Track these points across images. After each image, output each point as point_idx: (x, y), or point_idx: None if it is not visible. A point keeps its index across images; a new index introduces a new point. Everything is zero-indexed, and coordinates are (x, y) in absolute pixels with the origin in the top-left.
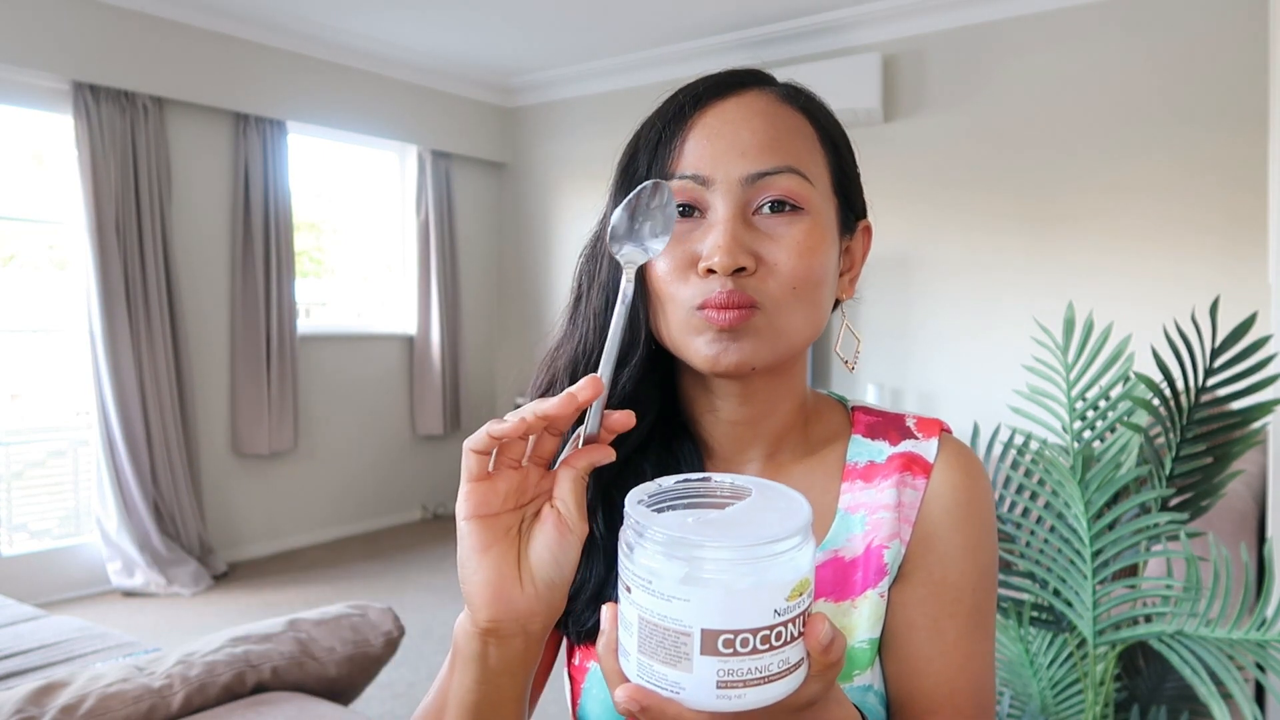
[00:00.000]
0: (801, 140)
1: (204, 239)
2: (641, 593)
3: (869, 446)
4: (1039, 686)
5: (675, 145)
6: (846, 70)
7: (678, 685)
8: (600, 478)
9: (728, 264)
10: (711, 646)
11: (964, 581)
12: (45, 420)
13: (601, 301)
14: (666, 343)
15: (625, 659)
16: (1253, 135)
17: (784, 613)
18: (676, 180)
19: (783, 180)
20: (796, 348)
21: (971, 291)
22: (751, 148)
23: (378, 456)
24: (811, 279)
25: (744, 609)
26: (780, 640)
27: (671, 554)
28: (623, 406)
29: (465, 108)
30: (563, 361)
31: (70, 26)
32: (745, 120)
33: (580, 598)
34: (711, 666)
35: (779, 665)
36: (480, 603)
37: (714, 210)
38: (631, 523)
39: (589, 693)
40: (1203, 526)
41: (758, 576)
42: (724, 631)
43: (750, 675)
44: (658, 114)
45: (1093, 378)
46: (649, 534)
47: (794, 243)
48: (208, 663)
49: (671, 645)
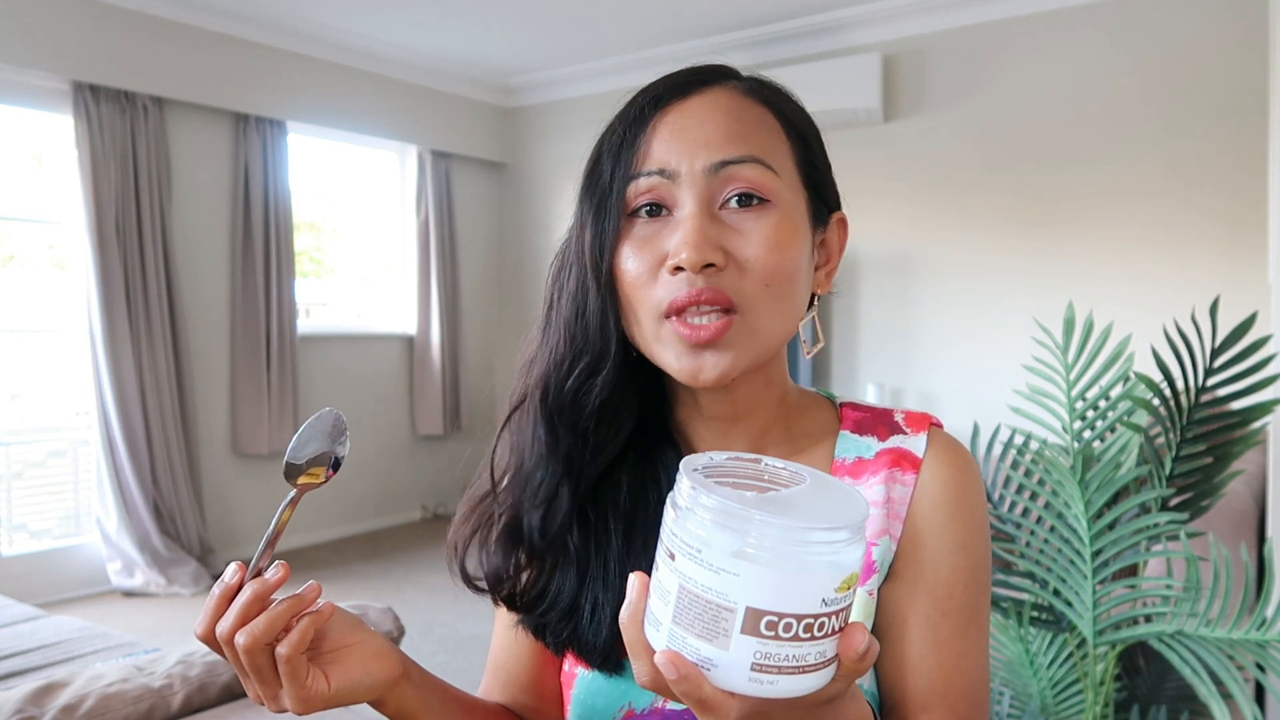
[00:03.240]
0: (766, 132)
1: (204, 239)
2: (687, 561)
3: (857, 442)
4: (1039, 686)
5: (639, 146)
6: (846, 70)
7: (710, 661)
8: (575, 491)
9: (695, 260)
10: (754, 626)
11: (956, 578)
12: (45, 420)
13: (570, 312)
14: (642, 350)
15: (655, 629)
16: (1253, 135)
17: (831, 604)
18: (642, 178)
19: (747, 170)
20: (774, 346)
21: (971, 291)
22: (715, 139)
23: (378, 456)
24: (784, 273)
25: (794, 593)
26: (822, 631)
27: (726, 525)
28: (599, 415)
29: (465, 108)
30: (536, 373)
31: (70, 26)
32: (709, 114)
33: (554, 610)
34: (749, 647)
35: (815, 657)
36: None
37: (680, 207)
38: (685, 487)
39: (578, 699)
40: (1203, 526)
41: (813, 561)
42: (769, 613)
43: (786, 663)
44: (619, 117)
45: (1093, 378)
46: (704, 501)
47: (763, 237)
48: (208, 663)
49: (711, 619)
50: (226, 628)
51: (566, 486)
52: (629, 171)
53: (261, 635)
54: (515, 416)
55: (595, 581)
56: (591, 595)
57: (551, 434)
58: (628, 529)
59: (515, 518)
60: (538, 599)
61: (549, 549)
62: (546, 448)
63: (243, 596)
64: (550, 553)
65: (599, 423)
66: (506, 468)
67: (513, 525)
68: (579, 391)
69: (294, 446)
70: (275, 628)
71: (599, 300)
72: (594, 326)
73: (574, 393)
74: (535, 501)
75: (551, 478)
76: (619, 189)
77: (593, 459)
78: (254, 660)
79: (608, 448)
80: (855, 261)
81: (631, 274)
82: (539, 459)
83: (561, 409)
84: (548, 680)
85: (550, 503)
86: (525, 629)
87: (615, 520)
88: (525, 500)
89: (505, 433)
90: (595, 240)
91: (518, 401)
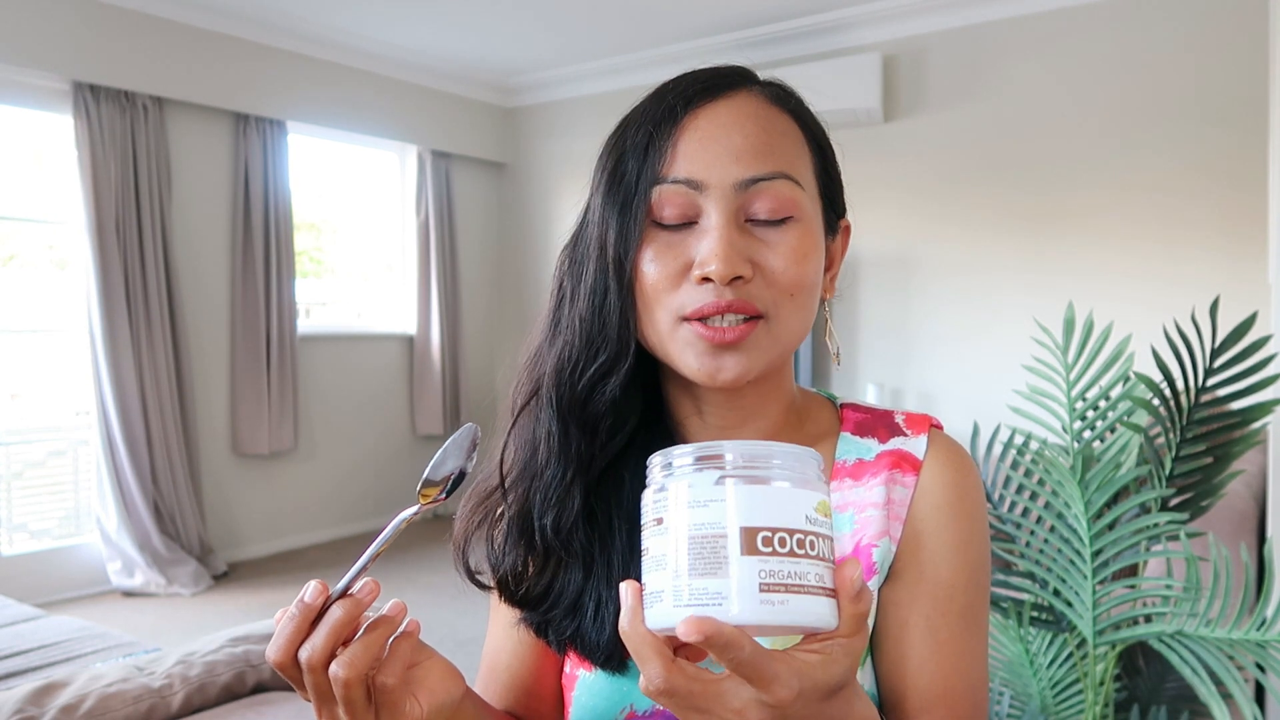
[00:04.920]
0: (791, 144)
1: (204, 239)
2: (677, 511)
3: (858, 444)
4: (1039, 686)
5: (666, 149)
6: (846, 70)
7: (719, 595)
8: (585, 488)
9: (725, 272)
10: (751, 544)
11: (956, 579)
12: (45, 420)
13: (587, 308)
14: (654, 349)
15: (658, 602)
16: (1252, 135)
17: (814, 523)
18: (669, 184)
19: (776, 186)
20: (790, 351)
21: (971, 291)
22: (745, 152)
23: (378, 456)
24: (807, 284)
25: (776, 507)
26: (815, 550)
27: (702, 466)
28: (607, 414)
29: (465, 108)
30: (547, 368)
31: (70, 26)
32: (737, 124)
33: (558, 608)
34: (753, 567)
35: (815, 579)
36: None
37: (707, 216)
38: (658, 464)
39: (578, 700)
40: (1203, 526)
41: (786, 475)
42: (762, 529)
43: (790, 580)
44: (644, 115)
45: (1093, 378)
46: (677, 458)
47: (789, 249)
48: (208, 663)
49: (710, 552)
50: (316, 654)
51: (578, 484)
52: (656, 174)
53: (362, 664)
54: (525, 411)
55: (599, 579)
56: (595, 593)
57: (564, 430)
58: (631, 528)
59: (522, 513)
60: (542, 596)
61: (558, 546)
62: (559, 444)
63: (333, 617)
64: (558, 550)
65: (608, 420)
66: (514, 463)
67: (520, 521)
68: (593, 390)
69: (435, 463)
70: (373, 654)
71: (619, 300)
72: (613, 325)
73: (588, 390)
74: (547, 497)
75: (564, 474)
76: (644, 190)
77: (600, 455)
78: (350, 692)
79: (613, 444)
80: (855, 261)
81: (653, 278)
82: (550, 455)
83: (574, 406)
84: (548, 682)
85: (563, 500)
86: (527, 626)
87: (619, 519)
88: (536, 496)
89: (517, 428)
90: (620, 240)
91: (528, 397)
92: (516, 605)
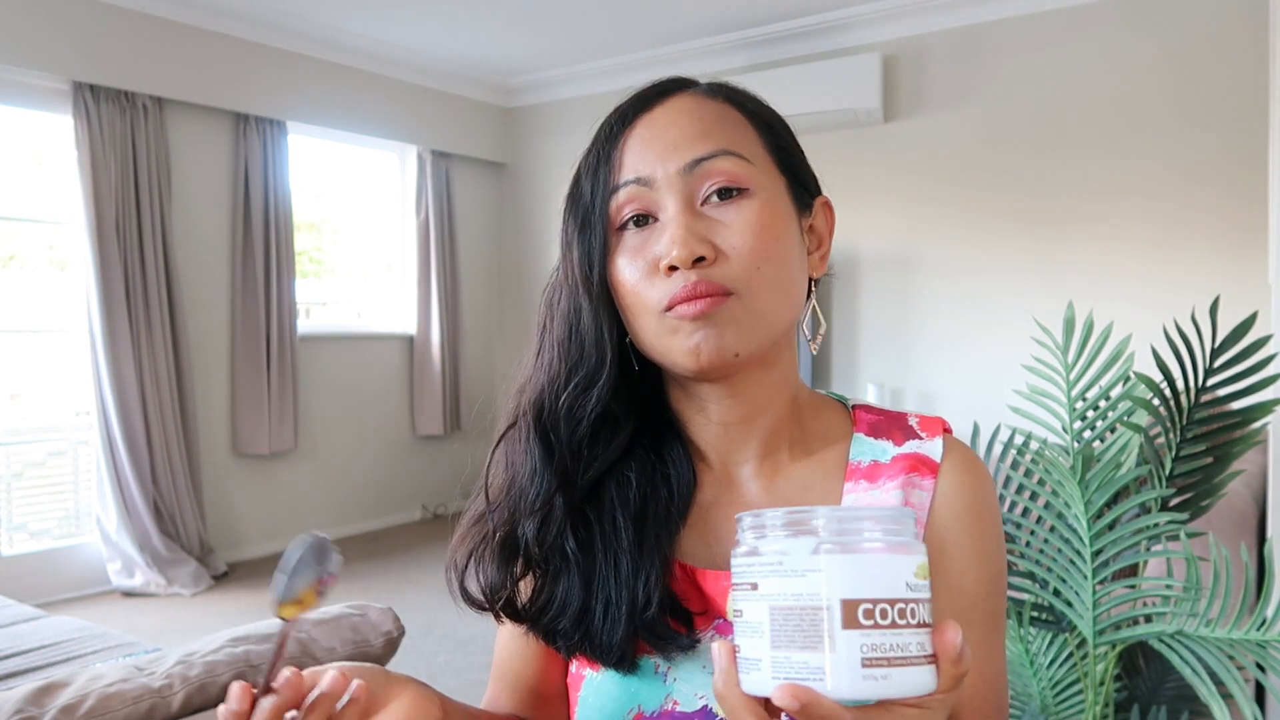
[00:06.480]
0: (731, 125)
1: (204, 239)
2: (771, 579)
3: (872, 446)
4: (1039, 686)
5: (614, 161)
6: (846, 70)
7: (819, 671)
8: (569, 499)
9: (685, 255)
10: (852, 618)
11: (979, 588)
12: (45, 420)
13: (563, 331)
14: (650, 353)
15: (754, 669)
16: (1252, 135)
17: (914, 589)
18: (621, 189)
19: (720, 163)
20: (777, 330)
21: (971, 291)
22: (682, 141)
23: (378, 456)
24: (773, 256)
25: (876, 576)
26: (915, 619)
27: (799, 530)
28: (596, 424)
29: (465, 108)
30: (529, 393)
31: (70, 26)
32: (673, 121)
33: (564, 616)
34: (854, 642)
35: (917, 648)
36: None
37: (664, 210)
38: (748, 525)
39: (585, 700)
40: (1203, 526)
41: (885, 542)
42: (863, 600)
43: (894, 653)
44: (593, 141)
45: (1093, 378)
46: (771, 521)
47: (746, 223)
48: (208, 663)
49: (809, 625)
50: None
51: (561, 495)
52: (608, 186)
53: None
54: (509, 436)
55: (606, 581)
56: (603, 596)
57: (545, 447)
58: (639, 525)
59: (510, 530)
60: (544, 607)
61: (547, 556)
62: (540, 460)
63: (262, 710)
64: (549, 560)
65: (595, 432)
66: (501, 485)
67: (508, 538)
68: (574, 405)
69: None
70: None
71: (592, 313)
72: (589, 340)
73: (569, 407)
74: (530, 510)
75: (546, 488)
76: (600, 204)
77: (587, 468)
78: None
79: (605, 454)
80: (855, 261)
81: (630, 282)
82: (532, 472)
83: (556, 423)
84: (555, 682)
85: (545, 511)
86: (535, 636)
87: (625, 518)
88: (520, 511)
89: (499, 453)
90: (584, 256)
91: (510, 421)
92: (517, 620)
